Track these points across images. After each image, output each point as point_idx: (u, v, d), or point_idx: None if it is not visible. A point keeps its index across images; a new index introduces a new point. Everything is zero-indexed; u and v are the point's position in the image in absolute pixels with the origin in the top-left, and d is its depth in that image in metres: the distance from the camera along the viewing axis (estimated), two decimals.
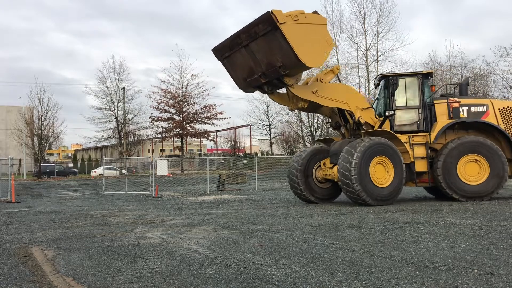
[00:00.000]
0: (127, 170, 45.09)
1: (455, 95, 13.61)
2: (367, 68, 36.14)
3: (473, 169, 11.98)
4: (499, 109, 12.70)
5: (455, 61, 38.51)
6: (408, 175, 12.06)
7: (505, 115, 12.71)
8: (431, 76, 13.35)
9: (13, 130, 51.06)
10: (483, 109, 12.64)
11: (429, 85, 13.04)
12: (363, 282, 4.38)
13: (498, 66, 36.69)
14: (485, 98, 14.04)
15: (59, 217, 11.39)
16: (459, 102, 12.64)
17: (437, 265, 4.95)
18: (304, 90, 11.72)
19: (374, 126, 12.50)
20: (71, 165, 63.70)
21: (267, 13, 9.81)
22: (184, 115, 54.48)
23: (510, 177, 12.57)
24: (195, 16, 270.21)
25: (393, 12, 50.56)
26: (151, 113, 54.13)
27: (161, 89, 54.06)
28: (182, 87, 54.94)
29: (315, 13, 10.64)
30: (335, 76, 12.58)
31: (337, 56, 37.49)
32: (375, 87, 14.73)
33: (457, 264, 4.97)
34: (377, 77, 14.37)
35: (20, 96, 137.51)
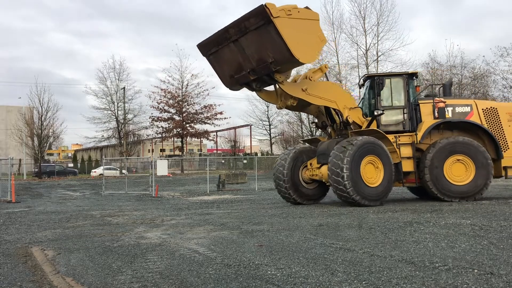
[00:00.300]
0: (127, 170, 45.08)
1: (439, 95, 13.66)
2: (367, 68, 36.06)
3: (459, 169, 11.99)
4: (483, 109, 12.80)
5: (455, 61, 38.56)
6: (396, 175, 11.91)
7: (488, 115, 12.79)
8: (416, 77, 13.33)
9: (13, 130, 51.09)
10: (467, 109, 12.74)
11: (414, 85, 13.03)
12: (363, 282, 4.37)
13: (498, 66, 36.76)
14: (468, 99, 14.12)
15: (59, 217, 11.39)
16: (445, 102, 12.69)
17: (437, 265, 4.95)
18: (294, 87, 11.45)
19: (361, 126, 12.37)
20: (71, 165, 63.72)
21: (260, 6, 9.43)
22: (184, 115, 54.49)
23: (495, 177, 12.59)
24: (195, 16, 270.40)
25: (393, 12, 50.50)
26: (151, 113, 54.22)
27: (161, 89, 54.12)
28: (182, 87, 54.97)
29: (307, 8, 10.36)
30: (323, 74, 12.40)
31: (337, 56, 37.47)
32: (360, 88, 14.65)
33: (457, 264, 4.97)
34: (362, 77, 14.31)
35: (20, 96, 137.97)
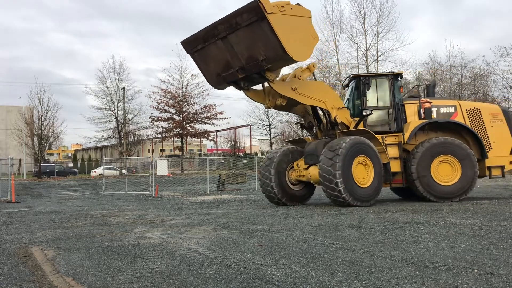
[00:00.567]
0: (127, 170, 45.10)
1: (424, 96, 13.71)
2: (367, 68, 36.05)
3: (446, 170, 12.01)
4: (466, 110, 12.89)
5: (455, 61, 38.61)
6: (384, 176, 11.82)
7: (472, 116, 12.87)
8: (401, 77, 13.33)
9: (13, 130, 51.11)
10: (451, 110, 12.84)
11: (399, 86, 13.03)
12: (363, 282, 4.37)
13: (498, 66, 36.85)
14: (452, 100, 14.20)
15: (59, 217, 11.39)
16: (431, 102, 12.74)
17: (437, 265, 4.95)
18: (284, 86, 11.20)
19: (349, 126, 12.25)
20: (71, 165, 63.77)
21: (254, 1, 9.14)
22: (184, 115, 54.52)
23: (479, 177, 12.63)
24: (194, 16, 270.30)
25: (393, 12, 50.47)
26: (151, 113, 54.30)
27: (161, 89, 54.18)
28: (182, 87, 55.03)
29: (298, 5, 10.11)
30: (311, 74, 12.22)
31: (337, 56, 37.50)
32: (344, 88, 14.56)
33: (457, 264, 4.97)
34: (347, 78, 14.25)
35: (20, 96, 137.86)
